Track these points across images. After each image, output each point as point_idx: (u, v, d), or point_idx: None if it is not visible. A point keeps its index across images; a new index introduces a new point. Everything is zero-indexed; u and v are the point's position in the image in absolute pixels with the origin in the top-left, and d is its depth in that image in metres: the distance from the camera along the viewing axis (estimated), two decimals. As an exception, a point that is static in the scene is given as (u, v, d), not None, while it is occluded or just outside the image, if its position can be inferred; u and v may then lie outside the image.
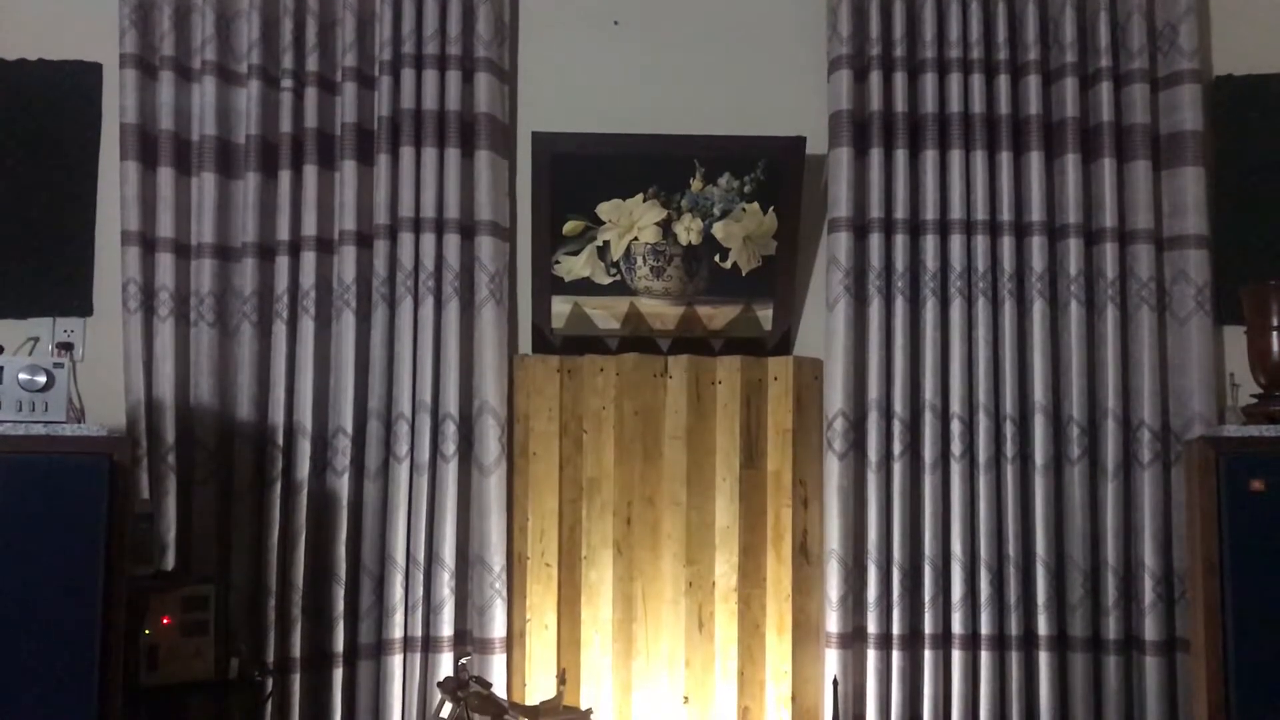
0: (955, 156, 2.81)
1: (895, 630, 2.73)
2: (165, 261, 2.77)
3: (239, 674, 2.49)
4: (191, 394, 2.76)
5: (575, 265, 2.84)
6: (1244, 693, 2.19)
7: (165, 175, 2.79)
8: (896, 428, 2.76)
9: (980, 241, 2.79)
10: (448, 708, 2.43)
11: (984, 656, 2.72)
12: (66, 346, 2.80)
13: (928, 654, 2.72)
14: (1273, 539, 2.21)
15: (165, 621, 2.39)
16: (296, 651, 2.69)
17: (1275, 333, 2.36)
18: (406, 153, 2.81)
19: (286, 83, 2.83)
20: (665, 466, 2.82)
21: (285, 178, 2.81)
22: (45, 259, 2.85)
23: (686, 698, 2.76)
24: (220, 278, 2.81)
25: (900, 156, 2.82)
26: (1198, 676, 2.27)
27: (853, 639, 2.74)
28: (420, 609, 2.74)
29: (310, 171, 2.81)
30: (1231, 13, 2.95)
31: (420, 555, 2.74)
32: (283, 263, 2.79)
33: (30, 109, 2.87)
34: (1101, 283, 2.79)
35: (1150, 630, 2.70)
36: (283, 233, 2.80)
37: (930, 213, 2.80)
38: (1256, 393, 2.51)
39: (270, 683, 2.64)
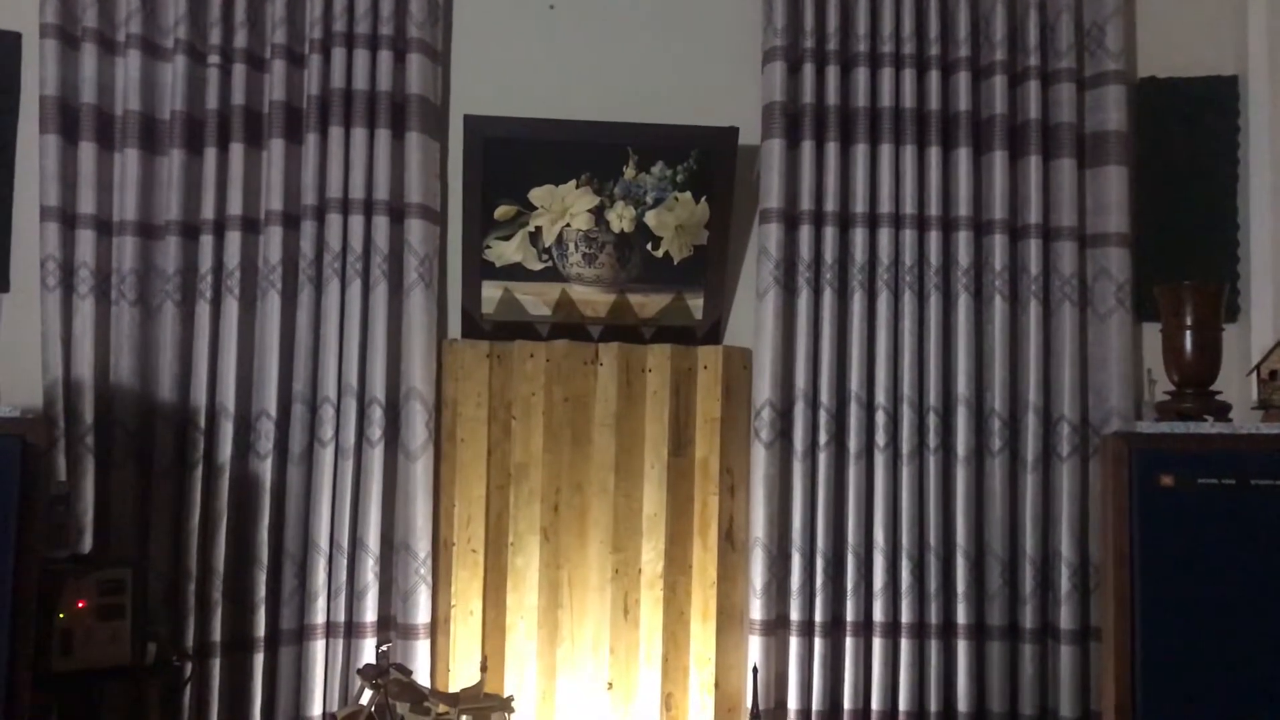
0: (885, 151, 2.83)
1: (817, 617, 2.76)
2: (86, 238, 2.71)
3: (156, 659, 2.46)
4: (111, 374, 2.72)
5: (507, 250, 2.83)
6: (1150, 681, 2.24)
7: (87, 150, 2.73)
8: (822, 418, 2.79)
9: (908, 235, 2.82)
10: (367, 695, 2.42)
11: (904, 644, 2.76)
12: (-19, 323, 2.74)
13: (849, 641, 2.77)
14: (1181, 533, 2.25)
15: (80, 605, 2.35)
16: (216, 636, 2.66)
17: (1188, 332, 2.40)
18: (335, 133, 2.78)
19: (214, 59, 2.78)
20: (594, 453, 2.82)
21: (211, 155, 2.76)
22: (-40, 233, 2.77)
23: (610, 683, 2.78)
24: (142, 256, 2.75)
25: (832, 149, 2.83)
26: (1107, 665, 2.32)
27: (775, 626, 2.77)
28: (343, 594, 2.72)
29: (236, 149, 2.77)
30: (1157, 15, 2.99)
31: (344, 540, 2.72)
32: (207, 242, 2.75)
33: (-55, 78, 2.79)
34: (1025, 278, 2.84)
35: (1066, 619, 2.76)
36: (208, 211, 2.76)
37: (860, 206, 2.83)
38: (1171, 389, 2.56)
39: (189, 668, 2.61)
